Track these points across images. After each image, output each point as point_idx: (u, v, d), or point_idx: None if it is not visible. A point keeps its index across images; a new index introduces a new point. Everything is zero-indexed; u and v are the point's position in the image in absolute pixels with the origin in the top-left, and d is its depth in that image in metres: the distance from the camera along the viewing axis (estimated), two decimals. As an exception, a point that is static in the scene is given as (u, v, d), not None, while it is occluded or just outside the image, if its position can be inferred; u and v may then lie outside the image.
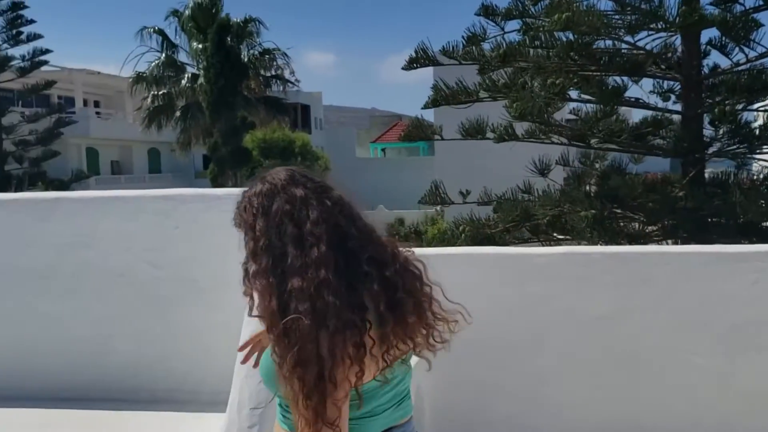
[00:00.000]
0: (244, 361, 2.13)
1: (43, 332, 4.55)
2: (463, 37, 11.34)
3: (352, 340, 1.71)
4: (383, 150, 51.83)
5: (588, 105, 11.20)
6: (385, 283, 1.82)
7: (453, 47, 11.28)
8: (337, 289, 1.74)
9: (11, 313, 4.64)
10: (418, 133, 12.51)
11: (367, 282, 1.79)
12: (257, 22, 31.47)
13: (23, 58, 25.60)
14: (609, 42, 10.94)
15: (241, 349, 2.14)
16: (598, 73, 10.93)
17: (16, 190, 22.36)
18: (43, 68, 26.82)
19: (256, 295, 1.83)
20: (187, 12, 30.81)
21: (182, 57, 31.92)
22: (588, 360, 3.94)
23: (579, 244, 9.68)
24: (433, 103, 11.65)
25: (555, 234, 10.86)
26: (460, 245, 10.87)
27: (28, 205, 4.87)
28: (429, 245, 18.08)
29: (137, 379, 4.33)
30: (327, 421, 1.68)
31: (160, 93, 31.17)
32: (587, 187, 11.43)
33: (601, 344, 3.93)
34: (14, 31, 25.34)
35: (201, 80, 29.54)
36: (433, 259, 4.33)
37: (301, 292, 1.73)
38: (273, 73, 32.73)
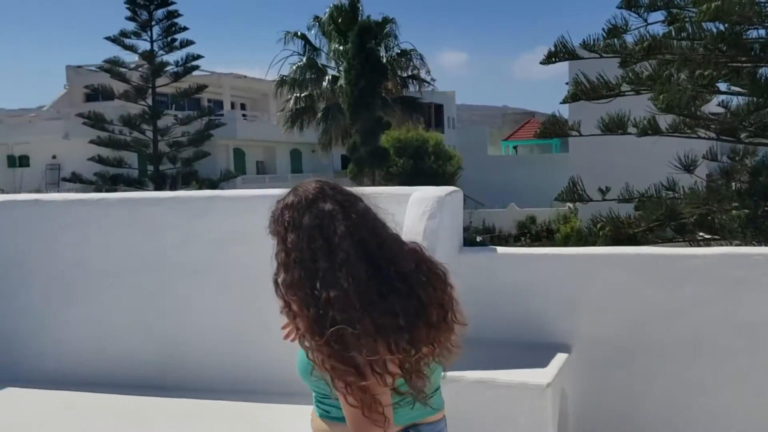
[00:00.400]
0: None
1: (197, 326, 4.68)
2: (603, 29, 10.94)
3: (387, 343, 1.84)
4: (515, 148, 51.09)
5: (738, 98, 10.55)
6: (410, 291, 1.92)
7: (594, 40, 10.91)
8: (370, 298, 1.85)
9: (169, 307, 4.80)
10: (555, 129, 12.19)
11: (394, 290, 1.89)
12: (394, 23, 31.72)
13: (177, 63, 26.84)
14: (762, 31, 10.26)
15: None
16: (749, 65, 10.26)
17: (170, 189, 23.50)
18: (195, 73, 28.06)
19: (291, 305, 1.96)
20: (327, 15, 31.40)
21: (323, 60, 32.59)
22: (748, 368, 3.67)
23: (729, 244, 9.12)
24: (572, 97, 11.31)
25: (702, 234, 10.29)
26: (599, 245, 10.50)
27: (186, 203, 5.03)
28: (562, 243, 17.63)
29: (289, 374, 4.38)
30: (375, 412, 1.83)
31: (303, 95, 31.95)
32: (736, 185, 10.76)
33: (762, 352, 3.65)
34: (169, 38, 26.59)
35: (341, 82, 30.04)
36: (576, 259, 4.18)
37: (337, 302, 1.84)
38: (409, 73, 32.88)
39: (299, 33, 32.01)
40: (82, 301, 5.20)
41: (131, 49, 26.14)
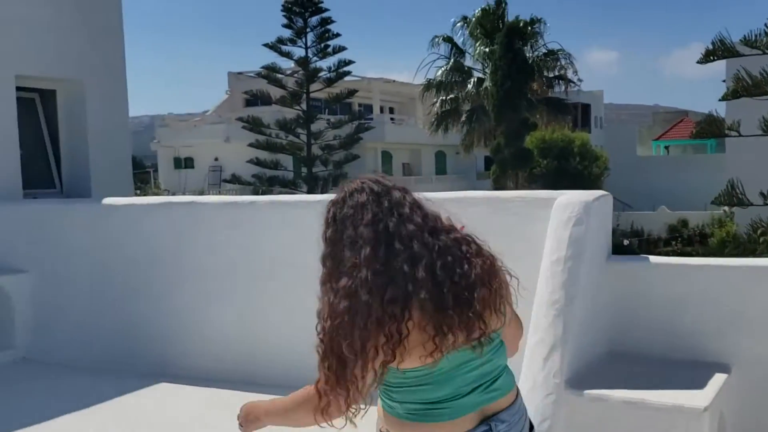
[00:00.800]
0: None
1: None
2: (766, 24, 10.12)
3: (381, 332, 1.80)
4: (666, 148, 48.65)
5: None
6: (434, 278, 1.85)
7: (755, 36, 10.10)
8: (373, 287, 1.83)
9: (311, 310, 4.77)
10: (712, 129, 11.40)
11: (411, 278, 1.84)
12: (542, 23, 30.99)
13: (330, 69, 27.39)
14: None
15: None
16: None
17: (322, 191, 24.00)
18: (346, 78, 28.53)
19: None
20: (474, 17, 31.07)
21: (469, 62, 32.33)
22: None
23: None
24: (733, 94, 10.53)
25: None
26: (759, 252, 9.72)
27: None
28: (717, 249, 16.48)
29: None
30: (342, 397, 1.86)
31: (448, 98, 31.84)
32: None
33: None
34: (322, 45, 27.14)
35: (486, 83, 29.69)
36: (738, 271, 3.78)
37: (343, 291, 1.87)
38: (556, 73, 32.04)
39: (446, 36, 31.87)
40: (233, 301, 5.30)
41: (287, 55, 26.89)
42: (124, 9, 8.08)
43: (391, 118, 42.61)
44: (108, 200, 6.25)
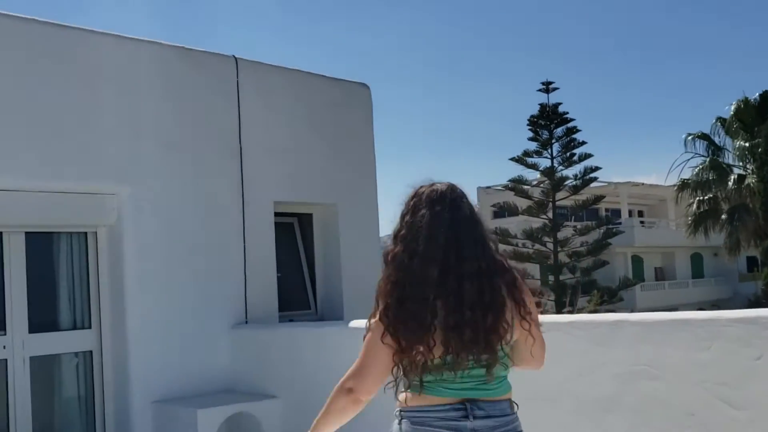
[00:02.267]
0: None
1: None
2: None
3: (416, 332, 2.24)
4: None
5: None
6: (454, 301, 2.25)
7: None
8: (424, 293, 2.29)
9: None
10: None
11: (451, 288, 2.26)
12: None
13: (575, 177, 26.61)
14: None
15: None
16: None
17: (570, 299, 22.83)
18: (592, 185, 27.53)
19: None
20: (732, 113, 28.65)
21: (728, 159, 29.74)
22: None
23: None
24: None
25: None
26: None
27: (587, 328, 4.31)
28: None
29: None
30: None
31: (705, 198, 29.38)
32: None
33: None
34: (568, 154, 26.57)
35: (749, 180, 27.00)
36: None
37: (395, 284, 2.33)
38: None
39: (701, 133, 29.67)
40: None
41: (533, 167, 26.63)
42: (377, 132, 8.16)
43: (641, 222, 40.28)
44: (354, 323, 6.03)
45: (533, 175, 27.70)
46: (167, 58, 6.55)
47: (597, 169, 26.46)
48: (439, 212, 2.31)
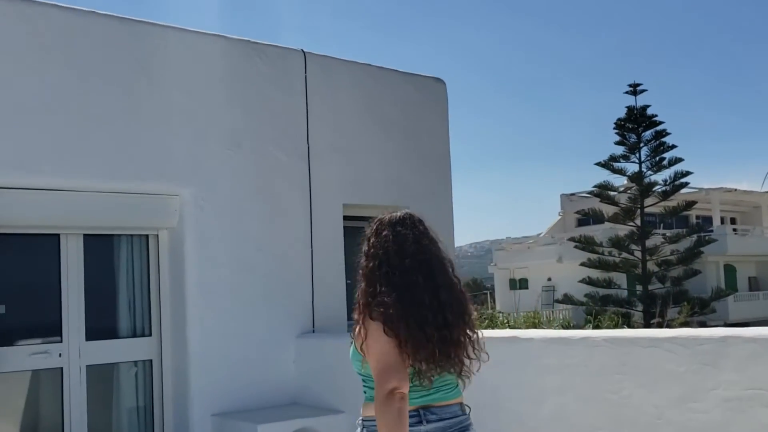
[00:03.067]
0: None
1: None
2: None
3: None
4: None
5: None
6: (442, 314, 2.55)
7: None
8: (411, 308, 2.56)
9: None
10: None
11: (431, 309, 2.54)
12: None
13: (665, 182, 25.31)
14: None
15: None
16: None
17: (659, 310, 21.60)
18: (683, 191, 26.16)
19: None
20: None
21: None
22: None
23: None
24: None
25: None
26: None
27: (691, 345, 3.71)
28: None
29: None
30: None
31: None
32: None
33: None
34: (657, 158, 25.34)
35: None
36: None
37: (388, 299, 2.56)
38: None
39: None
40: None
41: (620, 172, 25.47)
42: (460, 138, 7.62)
43: (734, 229, 38.18)
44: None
45: (620, 181, 26.54)
46: (233, 52, 6.21)
47: (688, 173, 25.11)
48: (400, 231, 2.65)
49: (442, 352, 2.49)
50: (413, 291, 2.50)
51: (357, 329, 2.58)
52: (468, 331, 2.60)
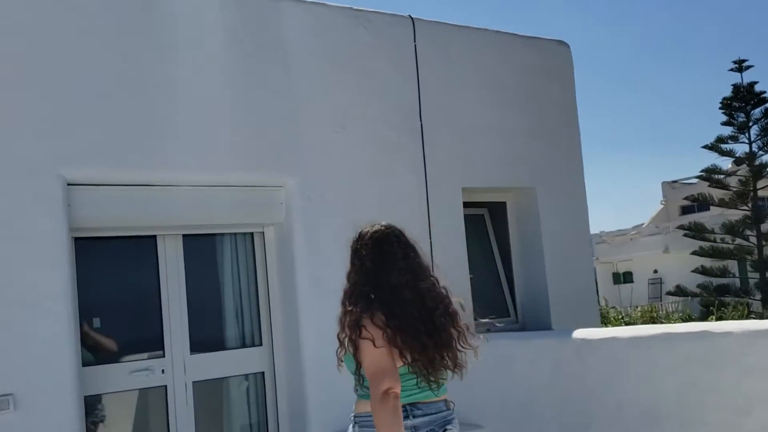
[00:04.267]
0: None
1: None
2: None
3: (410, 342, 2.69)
4: None
5: None
6: (431, 317, 2.74)
7: None
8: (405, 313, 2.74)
9: None
10: None
11: (421, 316, 2.72)
12: None
13: (781, 162, 23.39)
14: None
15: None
16: None
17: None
18: (799, 170, 24.10)
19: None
20: None
21: None
22: None
23: None
24: None
25: None
26: None
27: None
28: None
29: None
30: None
31: None
32: None
33: None
34: None
35: None
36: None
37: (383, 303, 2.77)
38: None
39: None
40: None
41: (728, 154, 23.62)
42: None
43: None
44: (580, 333, 4.64)
45: (728, 164, 24.71)
46: (334, 22, 5.46)
47: (803, 151, 23.10)
48: (387, 249, 2.81)
49: (437, 355, 2.69)
50: (403, 306, 2.67)
51: (344, 340, 2.73)
52: (455, 327, 2.78)
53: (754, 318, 16.67)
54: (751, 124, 23.78)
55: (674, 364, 4.00)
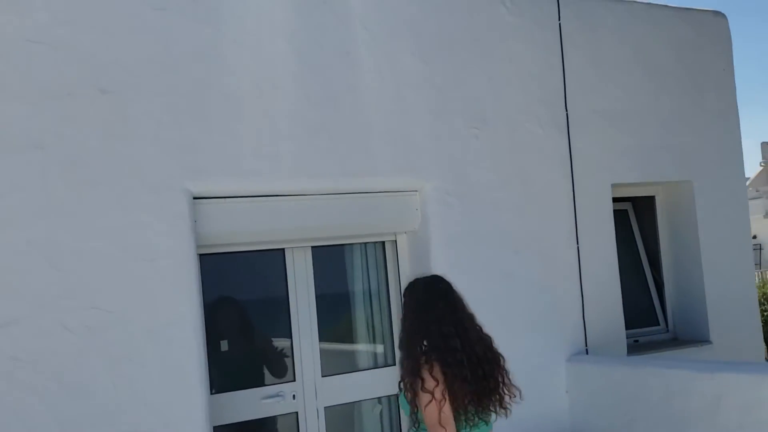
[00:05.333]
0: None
1: None
2: None
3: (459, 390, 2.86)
4: None
5: None
6: (479, 364, 2.89)
7: None
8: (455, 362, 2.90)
9: None
10: None
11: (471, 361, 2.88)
12: None
13: None
14: None
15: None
16: None
17: None
18: None
19: None
20: None
21: None
22: None
23: None
24: None
25: None
26: None
27: None
28: None
29: None
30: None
31: None
32: None
33: None
34: None
35: None
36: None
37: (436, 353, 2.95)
38: None
39: None
40: None
41: None
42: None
43: None
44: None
45: None
46: (473, 1, 4.90)
47: None
48: (439, 305, 2.95)
49: (484, 400, 2.87)
50: (454, 354, 2.82)
51: (404, 385, 2.89)
52: (501, 375, 2.94)
53: None
54: None
55: None
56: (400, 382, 2.91)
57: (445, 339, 2.84)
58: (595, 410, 4.79)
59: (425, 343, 2.87)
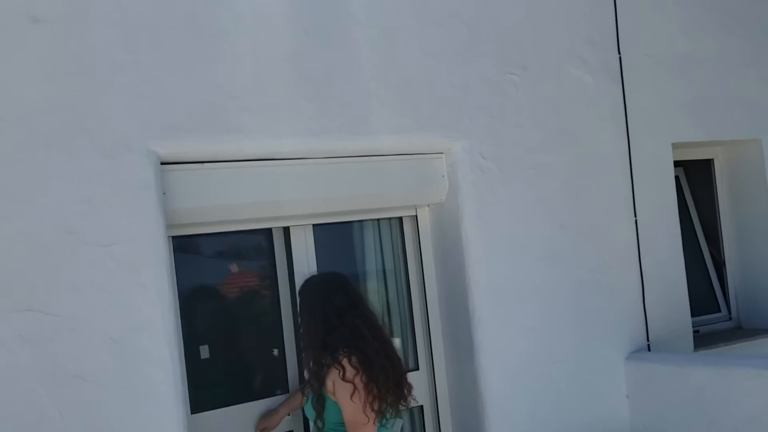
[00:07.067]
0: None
1: None
2: None
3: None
4: None
5: None
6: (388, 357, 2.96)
7: None
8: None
9: None
10: None
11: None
12: None
13: None
14: None
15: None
16: None
17: None
18: None
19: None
20: None
21: None
22: None
23: None
24: None
25: None
26: None
27: None
28: None
29: None
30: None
31: None
32: None
33: None
34: None
35: None
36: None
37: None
38: None
39: None
40: None
41: None
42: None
43: None
44: None
45: None
46: None
47: None
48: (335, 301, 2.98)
49: (402, 391, 2.99)
50: (368, 343, 2.87)
51: (310, 375, 2.93)
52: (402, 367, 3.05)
53: None
54: None
55: None
56: (303, 386, 2.91)
57: (352, 329, 2.86)
58: (664, 421, 4.01)
59: (334, 335, 2.86)
